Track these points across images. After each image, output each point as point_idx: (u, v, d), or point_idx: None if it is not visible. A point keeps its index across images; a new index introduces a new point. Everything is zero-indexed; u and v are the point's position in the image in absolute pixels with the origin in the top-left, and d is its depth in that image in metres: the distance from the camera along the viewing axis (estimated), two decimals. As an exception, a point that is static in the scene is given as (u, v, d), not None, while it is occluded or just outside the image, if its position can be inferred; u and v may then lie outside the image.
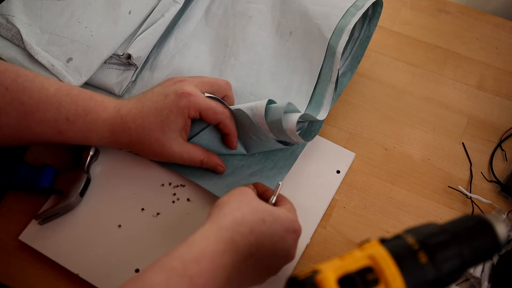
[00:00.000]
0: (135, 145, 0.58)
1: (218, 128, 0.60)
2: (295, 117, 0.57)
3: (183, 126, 0.57)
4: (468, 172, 0.66)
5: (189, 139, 0.61)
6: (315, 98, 0.64)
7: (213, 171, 0.62)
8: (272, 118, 0.57)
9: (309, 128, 0.65)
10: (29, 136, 0.56)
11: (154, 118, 0.56)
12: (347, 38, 0.63)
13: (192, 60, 0.68)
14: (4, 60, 0.63)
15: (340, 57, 0.62)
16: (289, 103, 0.57)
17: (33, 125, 0.55)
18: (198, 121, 0.60)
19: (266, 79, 0.66)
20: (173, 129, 0.57)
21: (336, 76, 0.63)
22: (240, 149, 0.63)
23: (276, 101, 0.59)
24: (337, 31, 0.63)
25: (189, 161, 0.60)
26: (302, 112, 0.58)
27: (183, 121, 0.57)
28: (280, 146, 0.62)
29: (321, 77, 0.64)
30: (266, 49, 0.67)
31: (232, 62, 0.67)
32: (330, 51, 0.63)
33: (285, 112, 0.57)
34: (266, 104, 0.57)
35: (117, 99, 0.60)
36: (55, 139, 0.57)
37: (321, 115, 0.63)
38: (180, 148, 0.58)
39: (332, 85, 0.63)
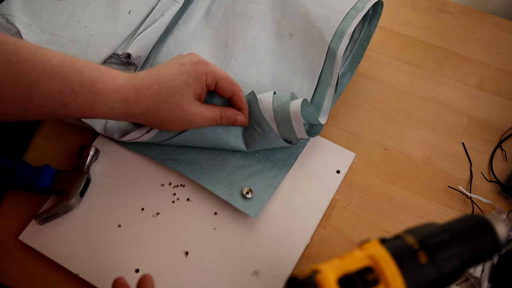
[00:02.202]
0: (151, 114, 0.56)
1: (231, 102, 0.60)
2: (299, 101, 0.59)
3: (200, 92, 0.57)
4: (468, 172, 0.66)
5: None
6: (315, 101, 0.64)
7: (212, 170, 0.62)
8: (278, 102, 0.59)
9: (310, 130, 0.65)
10: (33, 109, 0.55)
11: (171, 83, 0.56)
12: (348, 41, 0.62)
13: (192, 60, 0.68)
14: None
15: (340, 60, 0.62)
16: (292, 92, 0.60)
17: (37, 98, 0.53)
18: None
19: (267, 81, 0.66)
20: (191, 93, 0.56)
21: (336, 79, 0.63)
22: (240, 144, 0.63)
23: None
24: (338, 35, 0.63)
25: (211, 118, 0.59)
26: (303, 99, 0.60)
27: (200, 86, 0.57)
28: (281, 143, 0.62)
29: (321, 80, 0.64)
30: (267, 51, 0.67)
31: (233, 63, 0.67)
32: (330, 54, 0.63)
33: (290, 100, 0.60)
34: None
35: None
36: (60, 112, 0.55)
37: (321, 119, 0.63)
38: (199, 108, 0.57)
39: (332, 88, 0.63)
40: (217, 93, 0.59)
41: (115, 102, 0.55)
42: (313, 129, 0.64)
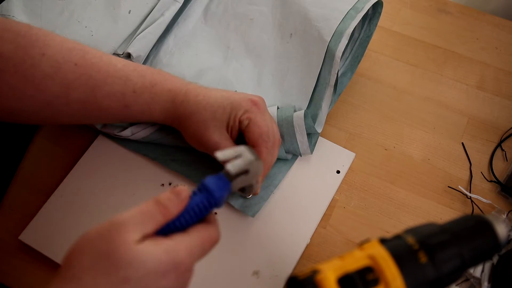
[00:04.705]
0: (184, 120, 0.56)
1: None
2: (301, 113, 0.61)
3: (232, 124, 0.56)
4: (468, 172, 0.66)
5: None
6: (314, 100, 0.64)
7: (212, 172, 0.62)
8: (283, 116, 0.61)
9: (309, 141, 0.65)
10: (96, 111, 0.56)
11: (214, 101, 0.55)
12: (346, 42, 0.62)
13: (191, 58, 0.68)
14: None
15: (339, 61, 0.62)
16: (294, 106, 0.62)
17: (101, 99, 0.55)
18: None
19: (267, 82, 0.66)
20: (224, 120, 0.56)
21: (334, 79, 0.63)
22: None
23: (277, 104, 0.64)
24: (337, 35, 0.63)
25: None
26: (303, 110, 0.61)
27: (234, 118, 0.56)
28: (284, 156, 0.63)
29: (320, 80, 0.64)
30: (268, 52, 0.67)
31: (234, 64, 0.67)
32: (329, 54, 0.63)
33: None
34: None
35: None
36: (120, 113, 0.57)
37: (320, 118, 0.64)
38: (220, 139, 0.56)
39: (331, 89, 0.63)
40: (244, 136, 0.57)
41: (168, 102, 0.56)
42: (311, 140, 0.64)
